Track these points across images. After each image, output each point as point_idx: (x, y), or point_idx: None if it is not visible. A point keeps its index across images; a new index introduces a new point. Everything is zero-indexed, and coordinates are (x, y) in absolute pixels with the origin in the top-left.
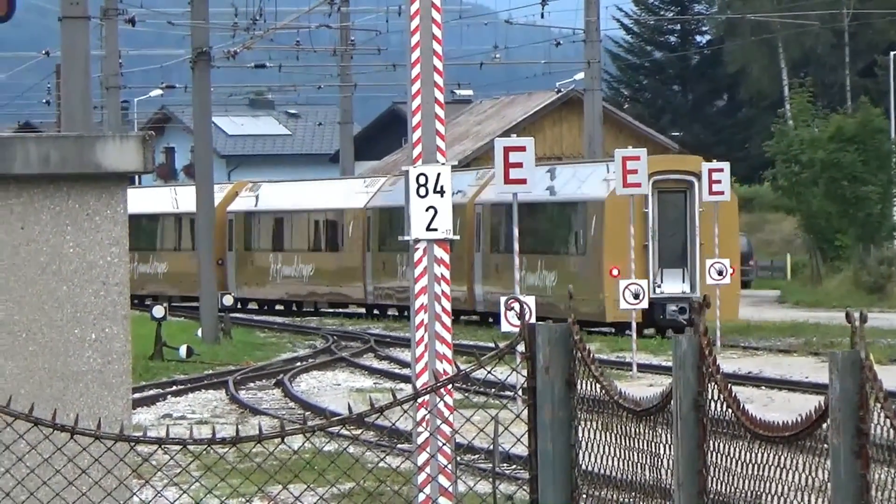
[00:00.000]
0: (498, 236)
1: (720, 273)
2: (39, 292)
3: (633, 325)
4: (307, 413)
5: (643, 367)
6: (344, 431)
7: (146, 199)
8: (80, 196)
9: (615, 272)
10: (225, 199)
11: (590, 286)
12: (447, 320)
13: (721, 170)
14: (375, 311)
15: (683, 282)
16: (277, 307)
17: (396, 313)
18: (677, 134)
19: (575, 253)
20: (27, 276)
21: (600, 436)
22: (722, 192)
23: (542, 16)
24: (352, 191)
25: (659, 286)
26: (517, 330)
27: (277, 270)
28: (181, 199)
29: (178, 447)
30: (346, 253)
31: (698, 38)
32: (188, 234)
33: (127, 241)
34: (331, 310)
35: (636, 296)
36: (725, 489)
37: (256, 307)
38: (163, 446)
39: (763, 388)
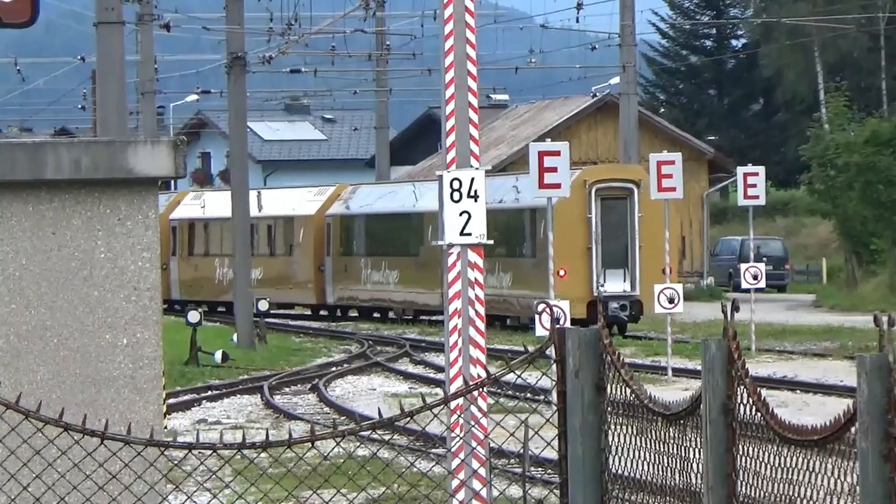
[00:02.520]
0: None
1: (755, 277)
2: (71, 297)
3: (668, 329)
4: (338, 417)
5: (678, 371)
6: (375, 436)
7: None
8: (111, 201)
9: (562, 273)
10: (168, 206)
11: (540, 286)
12: (481, 325)
13: (756, 174)
14: (323, 312)
15: (625, 281)
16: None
17: (345, 313)
18: (713, 138)
19: (526, 255)
20: (59, 282)
21: (630, 439)
22: (757, 196)
23: (578, 20)
24: (303, 199)
25: (602, 286)
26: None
27: (224, 274)
28: None
29: (208, 452)
30: (297, 258)
31: (734, 42)
32: None
33: (158, 246)
34: (280, 311)
35: (671, 300)
36: (755, 492)
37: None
38: (193, 451)
39: (798, 391)
